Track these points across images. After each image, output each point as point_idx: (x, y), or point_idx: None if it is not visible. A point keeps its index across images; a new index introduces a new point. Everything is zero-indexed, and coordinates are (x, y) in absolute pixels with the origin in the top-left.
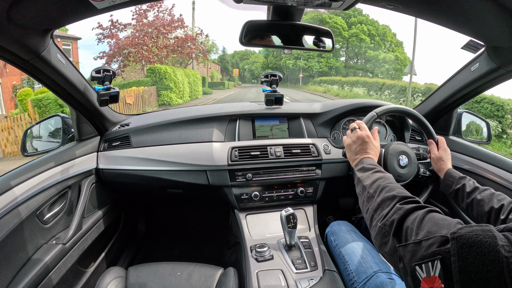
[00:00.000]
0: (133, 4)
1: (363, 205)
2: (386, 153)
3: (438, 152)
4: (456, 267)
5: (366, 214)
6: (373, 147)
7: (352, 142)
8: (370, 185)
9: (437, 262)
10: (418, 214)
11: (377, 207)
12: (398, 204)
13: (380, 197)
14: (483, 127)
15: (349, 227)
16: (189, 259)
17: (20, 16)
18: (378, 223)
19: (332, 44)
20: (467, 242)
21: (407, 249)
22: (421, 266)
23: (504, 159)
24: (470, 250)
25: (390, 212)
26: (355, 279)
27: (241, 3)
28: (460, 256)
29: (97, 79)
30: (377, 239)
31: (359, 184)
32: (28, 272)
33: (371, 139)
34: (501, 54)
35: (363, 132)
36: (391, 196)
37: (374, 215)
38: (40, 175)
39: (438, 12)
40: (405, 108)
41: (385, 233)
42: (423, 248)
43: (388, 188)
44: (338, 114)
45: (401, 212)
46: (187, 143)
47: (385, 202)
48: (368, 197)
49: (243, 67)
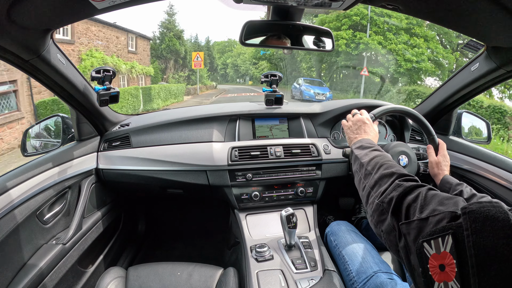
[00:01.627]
0: (133, 4)
1: (359, 182)
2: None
3: (436, 157)
4: (470, 241)
5: (362, 191)
6: (372, 130)
7: (352, 124)
8: (368, 162)
9: (448, 237)
10: (420, 191)
11: (374, 184)
12: (397, 181)
13: (378, 174)
14: (483, 127)
15: (349, 227)
16: (189, 259)
17: (20, 16)
18: (376, 200)
19: (332, 44)
20: (480, 217)
21: (411, 226)
22: (430, 242)
23: (504, 159)
24: (484, 224)
25: (388, 189)
26: (355, 279)
27: (241, 3)
28: (473, 230)
29: (97, 79)
30: (374, 217)
31: (356, 162)
32: (28, 272)
33: (371, 123)
34: (501, 54)
35: (364, 116)
36: (389, 173)
37: (371, 192)
38: (40, 175)
39: (438, 12)
40: (404, 108)
41: (382, 210)
42: (431, 224)
43: (387, 166)
44: (338, 114)
45: (400, 189)
46: (187, 143)
47: (383, 179)
48: (366, 174)
49: (225, 61)
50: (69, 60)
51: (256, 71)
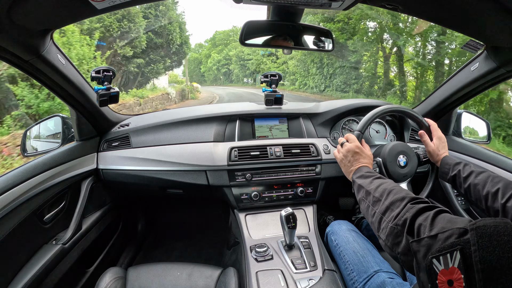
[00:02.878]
0: (133, 4)
1: (367, 209)
2: (384, 161)
3: (432, 143)
4: (477, 256)
5: (372, 218)
6: (365, 156)
7: (344, 156)
8: (375, 189)
9: (456, 253)
10: (430, 213)
11: (385, 210)
12: (410, 204)
13: (388, 199)
14: (483, 127)
15: (349, 226)
16: (189, 259)
17: (20, 16)
18: (389, 224)
19: (332, 44)
20: (487, 232)
21: (421, 244)
22: (439, 258)
23: (504, 159)
24: (490, 239)
25: (401, 211)
26: (356, 278)
27: (241, 3)
28: (480, 245)
29: (96, 79)
30: (389, 240)
31: (361, 190)
32: (28, 272)
33: (362, 149)
34: (501, 54)
35: (352, 144)
36: (400, 198)
37: (382, 217)
38: (40, 175)
39: (438, 12)
40: (383, 109)
41: (397, 233)
42: (439, 241)
43: (396, 191)
44: (338, 114)
45: (413, 210)
46: (187, 143)
47: (395, 204)
48: (374, 201)
49: (227, 54)
50: (69, 60)
51: (273, 67)
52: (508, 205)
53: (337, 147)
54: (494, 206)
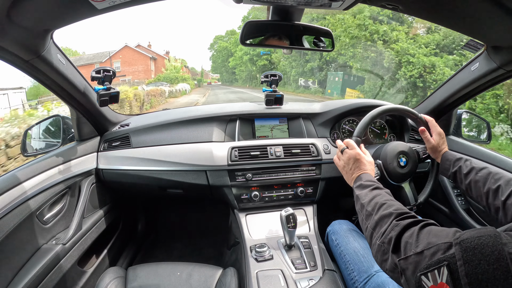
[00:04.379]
0: (133, 4)
1: (362, 222)
2: (385, 163)
3: (433, 139)
4: (462, 271)
5: (365, 232)
6: (366, 163)
7: (345, 164)
8: (368, 202)
9: (443, 268)
10: (414, 229)
11: (375, 225)
12: (395, 220)
13: (377, 215)
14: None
15: (350, 226)
16: (189, 259)
17: (20, 16)
18: (377, 241)
19: (332, 44)
20: (471, 245)
21: (408, 261)
22: (427, 275)
23: (504, 159)
24: (474, 252)
25: (387, 229)
26: (356, 278)
27: (241, 3)
28: (465, 260)
29: (97, 79)
30: (378, 257)
31: (357, 202)
32: (28, 272)
33: (362, 155)
34: (501, 54)
35: (353, 151)
36: (388, 214)
37: (373, 233)
38: (40, 175)
39: (438, 12)
40: (379, 110)
41: (384, 250)
42: (426, 258)
43: (386, 206)
44: (338, 114)
45: (398, 228)
46: (187, 143)
47: (383, 220)
48: (367, 215)
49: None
50: (69, 60)
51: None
52: (509, 202)
53: (337, 153)
54: (494, 203)
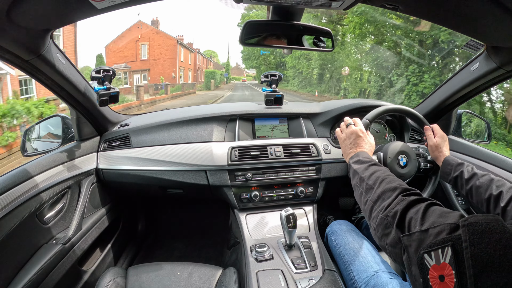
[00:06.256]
0: (133, 4)
1: (360, 196)
2: (385, 156)
3: (435, 139)
4: (468, 253)
5: (364, 205)
6: (367, 142)
7: (346, 137)
8: (368, 176)
9: (447, 248)
10: (421, 206)
11: (377, 198)
12: (401, 195)
13: (380, 188)
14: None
15: (349, 226)
16: (189, 259)
17: (20, 16)
18: (380, 214)
19: (332, 44)
20: (478, 229)
21: (412, 238)
22: (430, 253)
23: (504, 159)
24: (482, 236)
25: (392, 203)
26: (356, 278)
27: (241, 3)
28: (472, 242)
29: (97, 79)
30: (378, 230)
31: (355, 176)
32: (28, 272)
33: (365, 134)
34: (501, 54)
35: (358, 128)
36: (392, 188)
37: (374, 206)
38: (40, 175)
39: (438, 12)
40: (395, 107)
41: (387, 224)
42: (431, 236)
43: (389, 180)
44: (338, 114)
45: (404, 203)
46: (187, 143)
47: (386, 193)
48: (367, 188)
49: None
50: (69, 60)
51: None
52: (508, 209)
53: (341, 125)
54: (495, 210)
